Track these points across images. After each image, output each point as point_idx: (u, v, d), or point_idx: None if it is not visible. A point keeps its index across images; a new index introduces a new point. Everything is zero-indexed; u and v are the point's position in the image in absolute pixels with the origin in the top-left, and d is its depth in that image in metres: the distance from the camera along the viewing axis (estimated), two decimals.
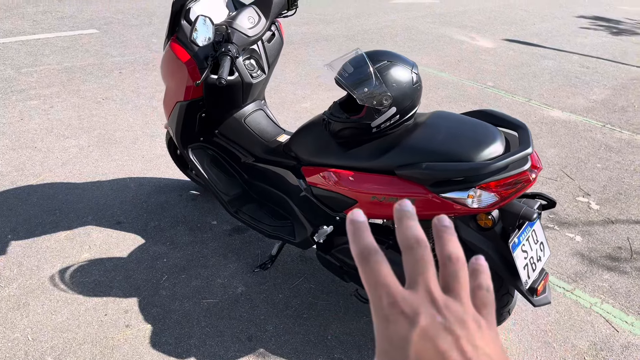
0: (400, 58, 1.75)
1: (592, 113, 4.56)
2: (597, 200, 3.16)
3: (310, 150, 1.94)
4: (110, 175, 3.00)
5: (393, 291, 0.32)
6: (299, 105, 4.17)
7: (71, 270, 2.27)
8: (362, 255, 0.33)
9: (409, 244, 0.34)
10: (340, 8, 7.70)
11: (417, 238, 0.34)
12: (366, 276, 0.33)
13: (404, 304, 0.31)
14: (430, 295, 0.32)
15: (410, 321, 0.30)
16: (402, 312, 0.31)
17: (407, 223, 0.35)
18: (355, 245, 0.34)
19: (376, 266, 0.33)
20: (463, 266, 0.35)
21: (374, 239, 0.34)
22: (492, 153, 1.59)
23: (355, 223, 0.35)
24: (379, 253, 0.33)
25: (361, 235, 0.34)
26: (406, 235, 0.34)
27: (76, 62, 4.66)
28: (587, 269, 2.54)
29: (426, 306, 0.31)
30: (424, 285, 0.32)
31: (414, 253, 0.33)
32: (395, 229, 0.35)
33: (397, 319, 0.31)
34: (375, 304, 0.32)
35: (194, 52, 2.03)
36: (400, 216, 0.35)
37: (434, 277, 0.33)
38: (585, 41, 7.10)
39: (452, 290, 0.33)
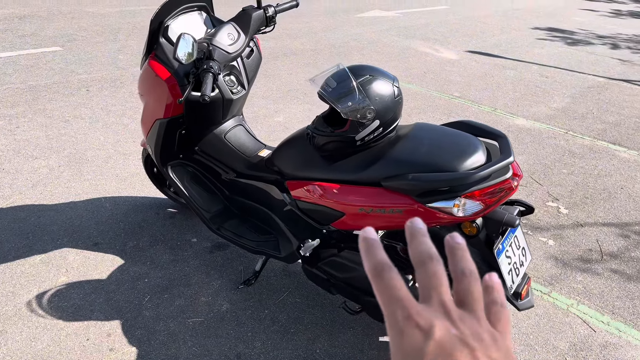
0: (382, 72, 1.79)
1: (555, 120, 4.73)
2: (566, 205, 3.28)
3: (294, 165, 1.95)
4: (84, 195, 2.93)
5: (407, 305, 0.32)
6: (272, 120, 4.18)
7: (49, 295, 2.20)
8: (376, 270, 0.34)
9: (422, 259, 0.34)
10: (306, 22, 7.78)
11: (429, 253, 0.34)
12: (380, 291, 0.33)
13: (419, 317, 0.31)
14: (445, 309, 0.32)
15: (425, 334, 0.30)
16: (416, 325, 0.31)
17: (420, 239, 0.35)
18: (368, 261, 0.34)
19: (390, 281, 0.33)
20: (477, 281, 0.35)
21: (386, 255, 0.35)
22: (475, 163, 1.64)
23: (368, 240, 0.35)
24: (392, 269, 0.34)
25: (374, 252, 0.35)
26: (419, 251, 0.35)
27: (41, 81, 4.55)
28: (562, 272, 2.63)
29: (441, 319, 0.32)
30: (438, 299, 0.33)
31: (427, 268, 0.34)
32: (408, 246, 0.35)
33: (412, 332, 0.31)
34: (390, 319, 0.32)
35: (174, 70, 2.02)
36: (412, 233, 0.36)
37: (447, 291, 0.34)
38: (543, 52, 7.37)
39: (467, 305, 0.34)
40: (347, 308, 2.06)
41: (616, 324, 2.31)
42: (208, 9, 2.23)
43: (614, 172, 3.79)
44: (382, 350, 2.07)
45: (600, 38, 8.75)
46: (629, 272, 2.66)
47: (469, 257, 0.36)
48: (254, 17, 2.10)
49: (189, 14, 2.15)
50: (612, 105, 5.29)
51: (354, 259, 1.89)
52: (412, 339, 0.31)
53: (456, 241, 0.37)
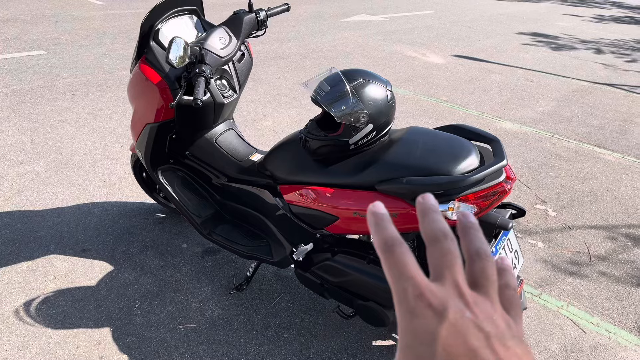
0: (375, 76, 1.79)
1: (541, 124, 4.79)
2: (554, 207, 3.31)
3: (287, 169, 1.94)
4: (71, 201, 2.89)
5: (419, 283, 0.30)
6: (261, 124, 4.16)
7: (37, 303, 2.16)
8: (386, 245, 0.32)
9: (436, 236, 0.32)
10: (293, 27, 7.79)
11: (444, 231, 0.33)
12: (390, 267, 0.31)
13: (432, 297, 0.30)
14: (459, 290, 0.31)
15: (438, 315, 0.29)
16: (429, 304, 0.29)
17: (433, 216, 0.33)
18: (378, 236, 0.33)
19: (401, 257, 0.31)
20: (492, 263, 0.33)
21: (397, 230, 0.33)
22: (469, 166, 1.65)
23: (377, 214, 0.34)
24: (403, 244, 0.32)
25: (385, 226, 0.33)
26: (432, 228, 0.33)
27: (25, 85, 4.48)
28: (551, 274, 2.65)
29: (454, 301, 0.30)
30: (452, 279, 0.31)
31: (441, 246, 0.32)
32: (420, 223, 0.34)
33: (424, 312, 0.29)
34: (400, 297, 0.30)
35: (164, 74, 2.00)
36: (424, 209, 0.34)
37: (462, 271, 0.32)
38: (527, 56, 7.46)
39: (481, 287, 0.32)
40: (341, 312, 2.05)
41: (606, 325, 2.33)
42: (199, 12, 2.22)
43: (599, 174, 3.84)
44: (375, 354, 2.06)
45: (583, 43, 8.88)
46: (617, 274, 2.69)
47: (483, 238, 0.34)
48: (245, 20, 2.09)
49: (179, 18, 2.14)
50: (596, 109, 5.37)
51: (348, 263, 1.88)
52: (424, 320, 0.29)
53: (470, 220, 0.35)
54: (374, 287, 1.83)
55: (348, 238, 2.04)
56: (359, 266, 1.86)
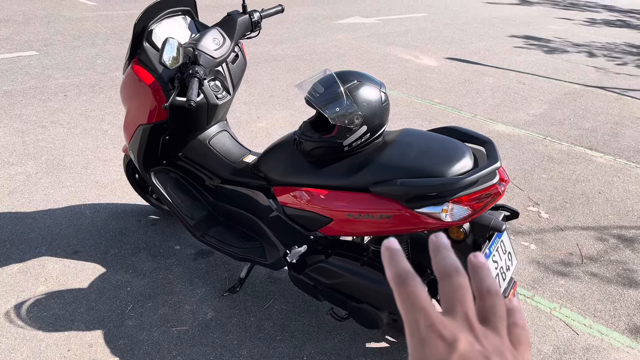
0: (369, 78, 1.79)
1: (533, 126, 4.81)
2: (546, 209, 3.33)
3: (281, 170, 1.94)
4: (63, 202, 2.87)
5: (431, 314, 0.32)
6: (255, 125, 4.16)
7: (27, 305, 2.14)
8: (400, 278, 0.34)
9: (448, 271, 0.34)
10: (287, 28, 7.78)
11: (456, 267, 0.34)
12: (403, 299, 0.33)
13: (443, 328, 0.31)
14: (469, 323, 0.32)
15: (449, 345, 0.30)
16: (440, 335, 0.31)
17: (445, 253, 0.35)
18: (392, 269, 0.34)
19: (414, 289, 0.33)
20: (501, 300, 0.35)
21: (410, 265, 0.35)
22: (463, 168, 1.65)
23: (392, 250, 0.35)
24: (417, 278, 0.34)
25: (398, 260, 0.35)
26: (445, 264, 0.34)
27: (17, 86, 4.45)
28: (544, 276, 2.66)
29: (465, 333, 0.31)
30: (463, 313, 0.33)
31: (453, 281, 0.34)
32: (432, 259, 0.35)
33: (435, 342, 0.31)
34: (412, 327, 0.32)
35: (158, 75, 1.99)
36: (437, 247, 0.36)
37: (472, 305, 0.34)
38: (520, 59, 7.50)
39: (490, 323, 0.34)
40: (335, 314, 2.05)
41: (598, 327, 2.34)
42: (192, 13, 2.21)
43: (591, 177, 3.86)
44: (369, 357, 2.06)
45: (575, 46, 8.95)
46: (608, 275, 2.71)
47: (493, 276, 0.36)
48: (239, 22, 2.09)
49: (173, 19, 2.13)
50: (588, 111, 5.41)
51: (342, 265, 1.88)
52: (435, 349, 0.31)
53: (480, 261, 0.37)
54: (367, 289, 1.82)
55: (342, 240, 2.03)
56: (353, 268, 1.85)
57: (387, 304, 1.82)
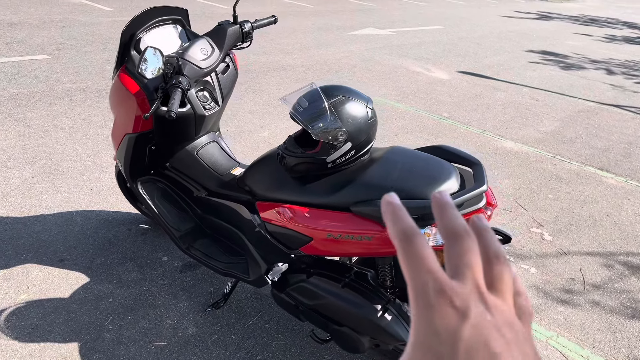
0: (355, 93, 1.73)
1: (543, 144, 4.70)
2: (550, 231, 3.22)
3: (265, 185, 1.88)
4: (55, 208, 2.84)
5: (440, 278, 0.29)
6: (257, 135, 4.11)
7: (6, 314, 2.11)
8: (404, 235, 0.31)
9: (458, 232, 0.31)
10: (299, 38, 7.77)
11: (465, 227, 0.32)
12: (408, 258, 0.30)
13: (454, 295, 0.29)
14: (479, 290, 0.30)
15: (461, 315, 0.28)
16: (451, 303, 0.29)
17: (453, 212, 0.33)
18: (395, 226, 0.32)
19: (421, 248, 0.30)
20: (509, 267, 0.32)
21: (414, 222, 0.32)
22: (447, 190, 1.58)
23: (394, 204, 0.33)
24: (422, 236, 0.31)
25: (402, 216, 0.32)
26: (454, 224, 0.32)
27: (24, 89, 4.48)
28: (543, 302, 2.56)
29: (476, 301, 0.29)
30: (473, 279, 0.30)
31: (462, 243, 0.31)
32: (438, 218, 0.33)
33: (445, 310, 0.28)
34: (418, 290, 0.29)
35: (143, 84, 1.96)
36: (442, 205, 0.33)
37: (481, 272, 0.31)
38: (534, 74, 7.38)
39: (498, 291, 0.31)
40: (316, 337, 1.97)
41: (596, 358, 2.23)
42: (184, 22, 2.17)
43: (600, 198, 3.74)
44: None
45: (593, 62, 8.79)
46: (611, 304, 2.59)
47: (498, 241, 0.33)
48: (229, 32, 2.04)
49: (163, 27, 2.10)
50: (601, 130, 5.27)
51: (322, 286, 1.81)
52: (446, 317, 0.28)
53: (484, 223, 0.34)
54: (347, 312, 1.75)
55: (326, 259, 1.96)
56: (334, 290, 1.78)
57: (367, 329, 1.74)
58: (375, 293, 1.76)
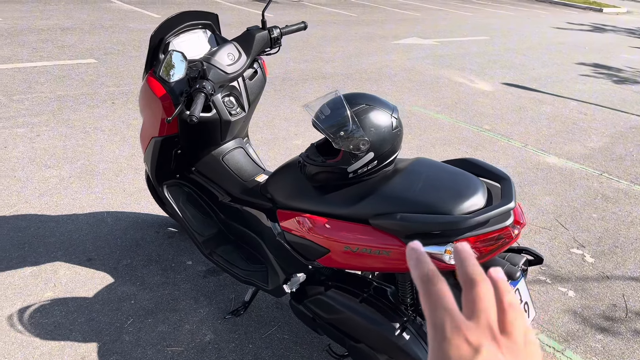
0: (380, 101, 1.67)
1: (589, 161, 4.48)
2: (592, 253, 3.04)
3: (285, 193, 1.84)
4: (88, 208, 2.90)
5: (457, 317, 0.33)
6: (291, 142, 4.10)
7: (31, 310, 2.15)
8: (428, 276, 0.35)
9: (476, 279, 0.35)
10: (341, 47, 7.75)
11: (483, 276, 0.35)
12: (429, 296, 0.34)
13: (468, 332, 0.32)
14: (492, 333, 0.33)
15: (474, 350, 0.31)
16: (465, 339, 0.32)
17: (473, 261, 0.36)
18: (419, 269, 0.36)
19: (442, 289, 0.34)
20: (522, 315, 0.36)
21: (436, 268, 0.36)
22: (472, 206, 1.49)
23: (418, 251, 0.37)
24: (443, 279, 0.35)
25: (425, 261, 0.36)
26: (473, 271, 0.35)
27: (70, 91, 4.63)
28: (580, 328, 2.40)
29: (488, 341, 0.32)
30: (486, 321, 0.34)
31: (479, 289, 0.35)
32: (459, 266, 0.36)
33: (460, 344, 0.32)
34: (436, 326, 0.33)
35: (169, 88, 1.96)
36: (464, 255, 0.37)
37: (495, 316, 0.34)
38: (585, 88, 7.09)
39: (510, 335, 0.34)
40: (332, 351, 1.91)
41: None
42: (213, 27, 2.17)
43: None
44: None
45: None
46: None
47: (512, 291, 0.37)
48: (257, 37, 2.02)
49: (192, 32, 2.10)
50: None
51: (340, 300, 1.75)
52: (460, 351, 0.32)
53: (500, 275, 0.37)
54: (365, 328, 1.68)
55: (346, 272, 1.90)
56: (351, 304, 1.72)
57: (385, 347, 1.67)
58: (394, 310, 1.68)
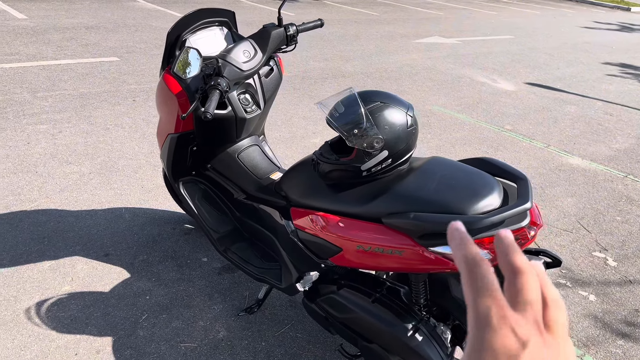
0: (395, 99, 1.64)
1: (614, 162, 4.37)
2: (615, 257, 2.96)
3: (299, 191, 1.83)
4: (107, 204, 2.93)
5: (503, 306, 0.32)
6: (309, 141, 4.09)
7: (48, 304, 2.18)
8: (474, 260, 0.34)
9: (522, 268, 0.34)
10: (361, 45, 7.72)
11: (529, 266, 0.34)
12: (472, 282, 0.33)
13: (515, 323, 0.31)
14: (538, 327, 0.32)
15: (522, 343, 0.31)
16: (512, 330, 0.31)
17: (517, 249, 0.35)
18: (463, 251, 0.35)
19: (487, 273, 0.33)
20: (565, 313, 0.35)
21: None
22: (488, 206, 1.46)
23: (460, 231, 0.36)
24: (488, 262, 0.34)
25: (469, 243, 0.35)
26: (522, 261, 0.34)
27: (92, 89, 4.70)
28: (600, 333, 2.34)
29: (536, 335, 0.32)
30: (533, 315, 0.33)
31: (527, 279, 0.33)
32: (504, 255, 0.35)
33: (507, 334, 0.31)
34: (480, 311, 0.32)
35: (186, 84, 1.97)
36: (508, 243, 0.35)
37: (541, 311, 0.34)
38: (611, 88, 6.93)
39: (553, 332, 0.34)
40: (344, 351, 1.89)
41: None
42: (230, 24, 2.17)
43: None
44: None
45: None
46: None
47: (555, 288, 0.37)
48: (273, 35, 2.02)
49: (209, 29, 2.10)
50: None
51: (353, 300, 1.73)
52: (507, 341, 0.31)
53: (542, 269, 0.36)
54: (377, 329, 1.66)
55: (360, 271, 1.89)
56: (364, 304, 1.70)
57: (397, 348, 1.64)
58: (407, 311, 1.66)
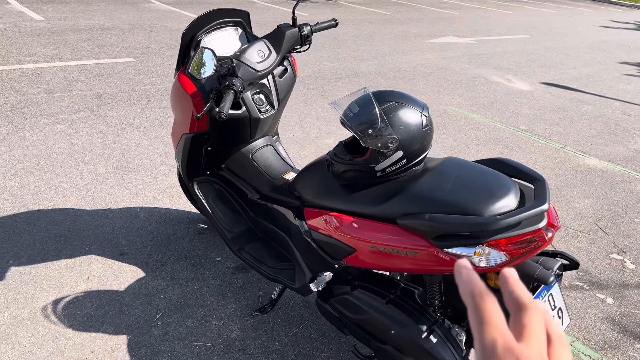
0: (410, 99, 1.64)
1: (632, 163, 4.30)
2: (633, 259, 2.91)
3: (313, 191, 1.83)
4: (122, 203, 2.96)
5: (509, 338, 0.33)
6: (322, 141, 4.09)
7: (65, 302, 2.20)
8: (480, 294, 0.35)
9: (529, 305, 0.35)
10: (375, 45, 7.70)
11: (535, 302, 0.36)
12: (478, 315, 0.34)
13: (520, 354, 0.32)
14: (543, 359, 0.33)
15: None
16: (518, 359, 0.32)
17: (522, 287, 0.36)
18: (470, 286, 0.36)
19: (492, 307, 0.34)
20: (569, 350, 0.36)
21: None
22: (504, 207, 1.44)
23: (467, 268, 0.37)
24: (493, 297, 0.35)
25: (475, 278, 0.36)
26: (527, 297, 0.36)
27: (108, 89, 4.74)
28: (618, 337, 2.31)
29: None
30: (539, 348, 0.33)
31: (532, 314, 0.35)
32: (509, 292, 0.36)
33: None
34: (485, 343, 0.33)
35: (200, 85, 1.97)
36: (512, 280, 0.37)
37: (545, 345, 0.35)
38: (629, 88, 6.82)
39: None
40: (357, 352, 1.89)
41: None
42: (244, 24, 2.18)
43: None
44: None
45: None
46: None
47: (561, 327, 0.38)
48: (287, 35, 2.02)
49: (223, 30, 2.11)
50: None
51: (366, 301, 1.72)
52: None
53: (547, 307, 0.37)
54: (390, 330, 1.65)
55: (374, 272, 1.88)
56: (377, 305, 1.69)
57: (411, 350, 1.63)
58: (421, 312, 1.65)
